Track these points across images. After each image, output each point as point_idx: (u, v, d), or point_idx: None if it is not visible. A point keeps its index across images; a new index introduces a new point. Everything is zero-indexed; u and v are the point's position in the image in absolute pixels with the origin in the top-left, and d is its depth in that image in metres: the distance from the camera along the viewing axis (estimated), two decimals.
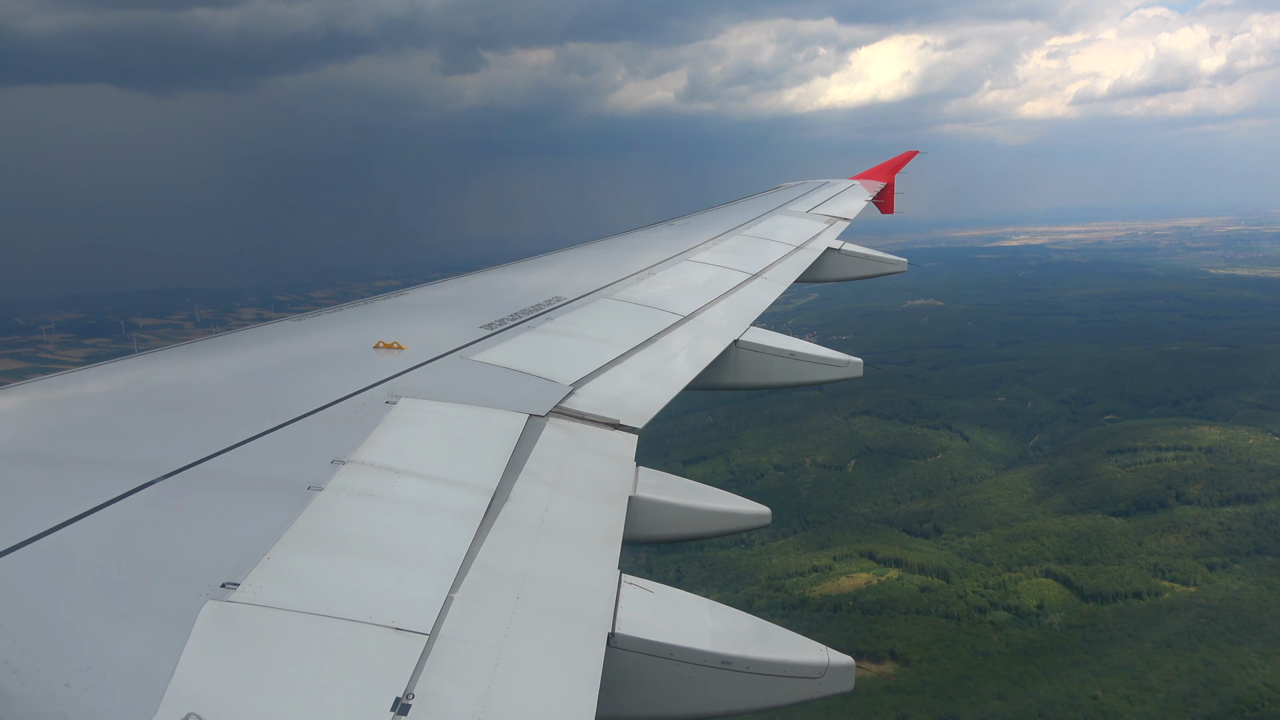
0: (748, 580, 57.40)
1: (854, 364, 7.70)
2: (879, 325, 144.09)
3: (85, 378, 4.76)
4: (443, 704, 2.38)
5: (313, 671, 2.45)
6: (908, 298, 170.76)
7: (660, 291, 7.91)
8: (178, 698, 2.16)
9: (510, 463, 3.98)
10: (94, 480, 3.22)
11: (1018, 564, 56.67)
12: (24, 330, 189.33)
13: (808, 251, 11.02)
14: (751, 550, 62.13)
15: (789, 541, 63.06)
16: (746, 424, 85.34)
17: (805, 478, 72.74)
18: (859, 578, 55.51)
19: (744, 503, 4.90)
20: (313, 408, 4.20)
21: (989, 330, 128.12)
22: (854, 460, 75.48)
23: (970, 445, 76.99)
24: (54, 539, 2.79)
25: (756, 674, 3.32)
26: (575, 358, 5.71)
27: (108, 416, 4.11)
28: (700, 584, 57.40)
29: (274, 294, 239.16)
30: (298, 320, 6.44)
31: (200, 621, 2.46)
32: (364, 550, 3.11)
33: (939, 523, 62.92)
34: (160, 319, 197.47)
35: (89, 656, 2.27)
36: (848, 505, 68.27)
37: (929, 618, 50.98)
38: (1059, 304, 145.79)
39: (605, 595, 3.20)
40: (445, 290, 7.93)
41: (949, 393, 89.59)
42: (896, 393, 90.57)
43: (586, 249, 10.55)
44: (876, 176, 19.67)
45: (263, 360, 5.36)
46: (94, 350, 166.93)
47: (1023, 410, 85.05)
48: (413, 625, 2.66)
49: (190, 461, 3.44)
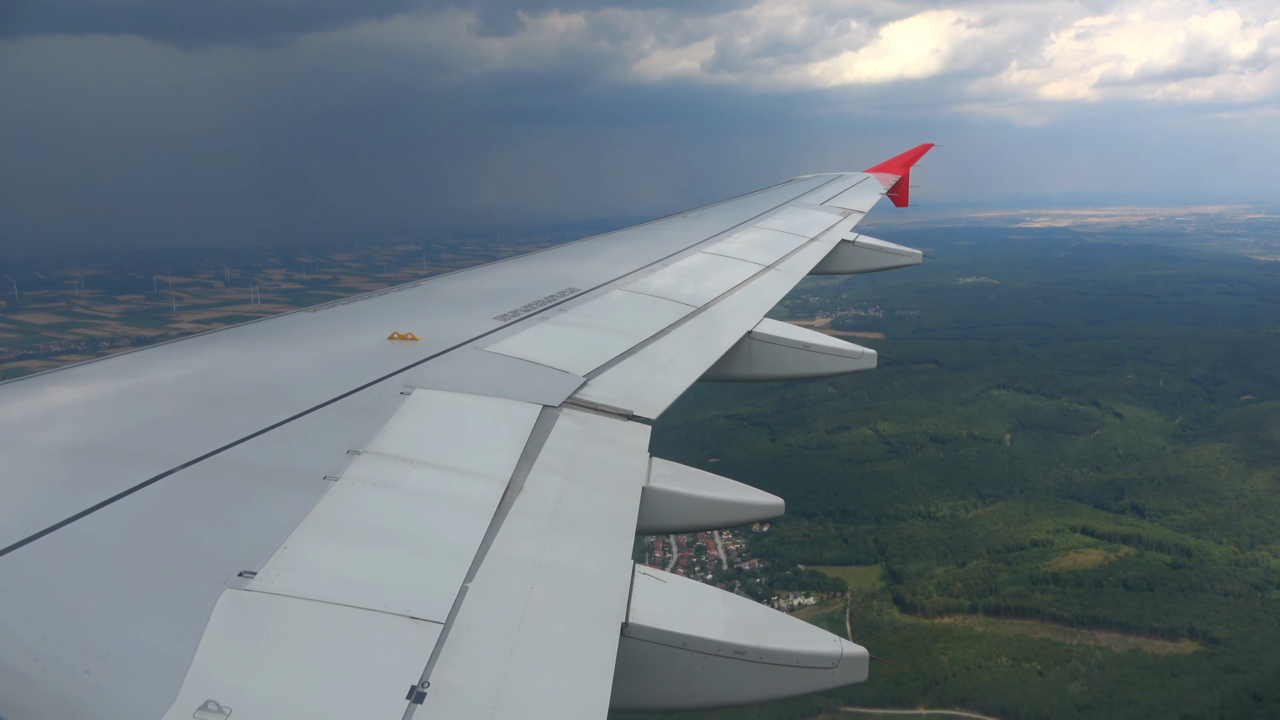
0: (967, 552, 56.17)
1: (868, 355, 7.65)
2: (944, 302, 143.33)
3: (101, 369, 4.76)
4: (458, 692, 2.40)
5: (329, 659, 2.45)
6: (958, 275, 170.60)
7: (674, 283, 7.93)
8: (196, 684, 2.19)
9: (524, 453, 4.02)
10: (112, 470, 3.25)
11: (1257, 541, 55.86)
12: (46, 285, 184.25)
13: (822, 244, 11.05)
14: (938, 523, 61.03)
15: (987, 513, 61.89)
16: (883, 394, 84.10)
17: (966, 449, 71.61)
18: (1089, 554, 54.43)
19: (757, 494, 4.89)
20: (328, 398, 4.23)
21: (1065, 309, 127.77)
22: (1009, 433, 74.53)
23: (1124, 421, 76.22)
24: (74, 528, 2.81)
25: (770, 664, 3.33)
26: (589, 349, 5.73)
27: (125, 407, 4.14)
28: (915, 555, 56.31)
29: (295, 255, 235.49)
30: (313, 312, 6.47)
31: (218, 610, 2.49)
32: (379, 540, 3.14)
33: (1134, 498, 62.05)
34: (187, 278, 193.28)
35: (109, 644, 2.30)
36: (1021, 478, 67.26)
37: (1210, 595, 50.00)
38: (1123, 285, 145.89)
39: (619, 585, 3.22)
40: (458, 282, 7.99)
41: (1072, 369, 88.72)
42: (1023, 367, 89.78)
43: (600, 240, 10.63)
44: (891, 169, 19.54)
45: (279, 351, 5.41)
46: (129, 306, 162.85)
47: (1156, 388, 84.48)
48: (428, 614, 2.68)
49: (207, 451, 3.47)
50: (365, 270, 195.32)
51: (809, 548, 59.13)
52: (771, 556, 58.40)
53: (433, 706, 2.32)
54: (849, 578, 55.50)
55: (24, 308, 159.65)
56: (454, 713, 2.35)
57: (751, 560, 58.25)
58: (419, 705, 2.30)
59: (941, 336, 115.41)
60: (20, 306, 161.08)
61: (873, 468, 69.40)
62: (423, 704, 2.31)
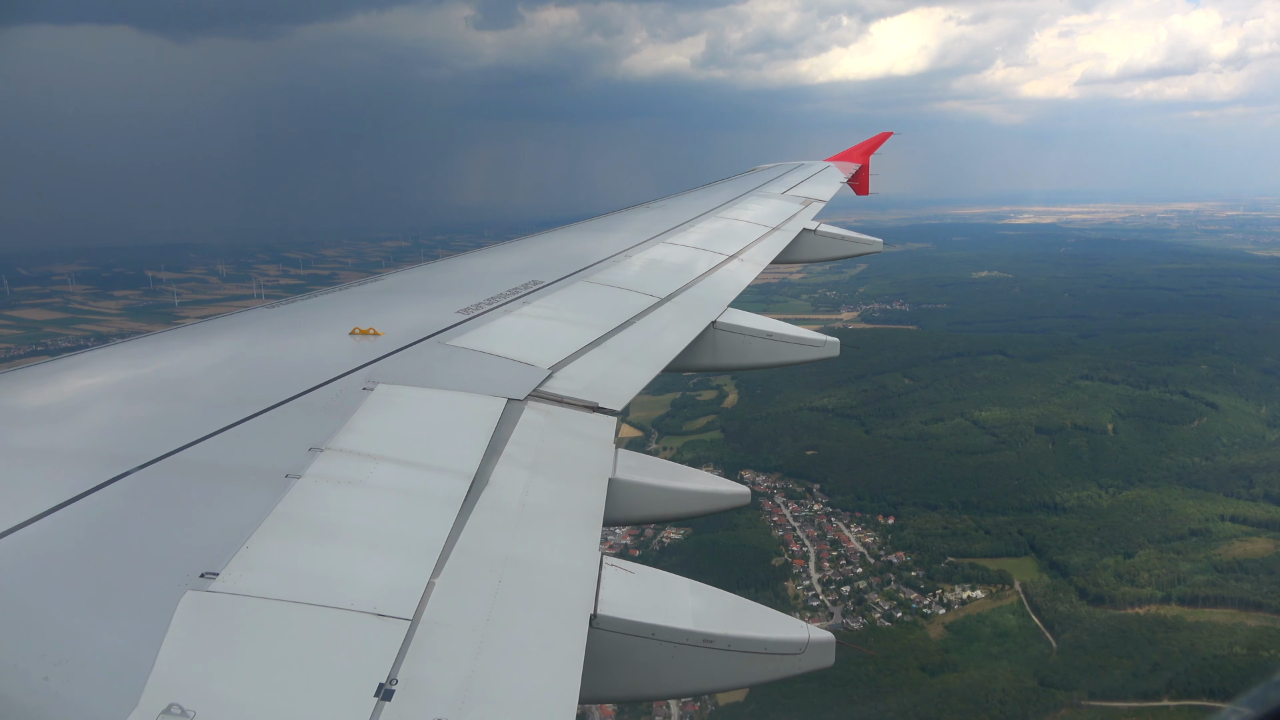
0: (1126, 542, 55.20)
1: (830, 344, 7.69)
2: (967, 295, 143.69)
3: (59, 368, 4.65)
4: (426, 688, 2.38)
5: (295, 660, 2.42)
6: (971, 269, 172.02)
7: (638, 274, 7.93)
8: (159, 689, 2.15)
9: (489, 447, 3.97)
10: (70, 471, 3.19)
11: None
12: (33, 281, 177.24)
13: (784, 233, 11.10)
14: (1076, 514, 60.16)
15: (1121, 502, 61.10)
16: (967, 384, 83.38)
17: (1075, 440, 70.94)
18: (1257, 542, 53.31)
19: (723, 483, 4.91)
20: (289, 395, 4.15)
21: (1094, 302, 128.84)
22: (1111, 423, 74.14)
23: (1220, 410, 76.24)
24: (29, 531, 2.75)
25: (738, 651, 3.33)
26: (553, 341, 5.71)
27: (82, 406, 4.07)
28: (1071, 547, 55.20)
29: (283, 251, 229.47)
30: (273, 307, 6.38)
31: (180, 612, 2.45)
32: (344, 537, 3.10)
33: (1266, 487, 61.53)
34: (179, 273, 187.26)
35: (68, 649, 2.25)
36: (1136, 468, 66.70)
37: None
38: (1140, 278, 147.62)
39: (587, 577, 3.22)
40: (421, 275, 7.95)
41: (1146, 359, 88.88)
42: (1097, 358, 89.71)
43: (564, 232, 10.64)
44: (851, 158, 19.79)
45: (239, 347, 5.32)
46: (127, 302, 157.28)
47: (1232, 378, 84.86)
48: (395, 611, 2.65)
49: (167, 451, 3.40)
50: (360, 266, 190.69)
51: (951, 540, 57.77)
52: (916, 549, 56.95)
53: (402, 703, 2.28)
54: (1006, 570, 54.37)
55: (17, 304, 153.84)
56: (423, 709, 2.30)
57: (897, 553, 56.80)
58: (388, 703, 2.27)
59: (977, 329, 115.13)
60: (13, 303, 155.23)
61: (985, 458, 68.23)
62: (391, 701, 2.28)
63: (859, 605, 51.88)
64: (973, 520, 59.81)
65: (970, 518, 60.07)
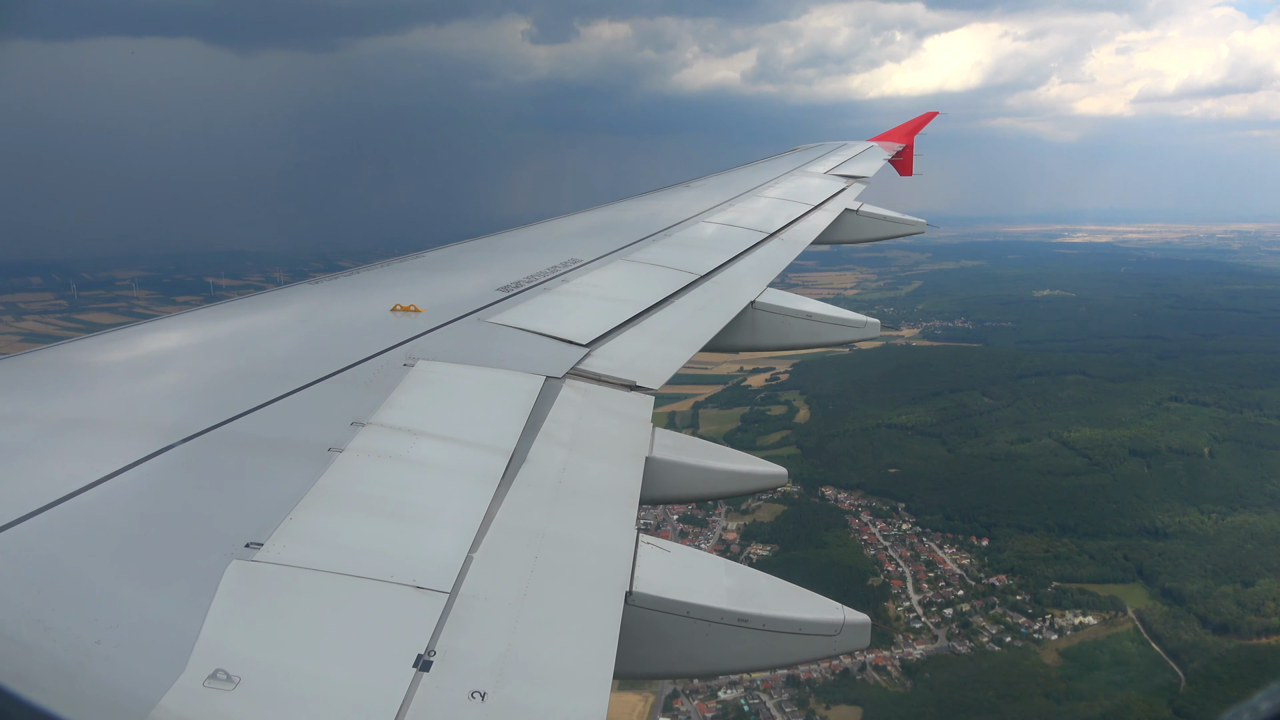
0: (1242, 570, 53.21)
1: (871, 324, 7.67)
2: (1031, 314, 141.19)
3: (108, 341, 4.72)
4: (463, 660, 2.42)
5: (336, 629, 2.48)
6: (1030, 287, 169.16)
7: (677, 252, 7.86)
8: (205, 654, 2.20)
9: (528, 424, 4.00)
10: (120, 442, 3.23)
11: None
12: (98, 285, 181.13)
13: (825, 212, 10.90)
14: (1182, 539, 58.24)
15: (1229, 528, 58.95)
16: (1050, 404, 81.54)
17: (1171, 463, 68.82)
18: None
19: (761, 463, 4.87)
20: (332, 370, 4.20)
21: (1166, 322, 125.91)
22: (1207, 447, 71.96)
23: None
24: (82, 500, 2.80)
25: (773, 631, 3.34)
26: (592, 319, 5.66)
27: (132, 380, 4.15)
28: (1183, 574, 53.51)
29: (336, 260, 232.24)
30: (315, 284, 6.34)
31: (225, 580, 2.50)
32: (384, 511, 3.14)
33: None
34: (237, 280, 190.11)
35: (118, 615, 2.31)
36: (1238, 493, 64.49)
37: None
38: (1210, 300, 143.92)
39: (623, 554, 3.24)
40: (461, 253, 7.87)
41: (1233, 382, 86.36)
42: (1176, 379, 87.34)
43: (603, 211, 10.57)
44: (895, 138, 19.26)
45: (282, 323, 5.39)
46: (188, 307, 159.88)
47: None
48: (433, 584, 2.69)
49: (212, 424, 3.45)
50: None
51: (1054, 564, 56.18)
52: (1019, 572, 55.46)
53: (439, 674, 2.33)
54: (1116, 596, 52.69)
55: (84, 308, 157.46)
56: (460, 681, 2.35)
57: (999, 576, 55.32)
58: (425, 674, 2.31)
59: (1047, 347, 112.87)
60: (81, 306, 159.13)
61: (1079, 480, 66.51)
62: (429, 672, 2.32)
63: (964, 628, 50.53)
64: (1074, 544, 58.15)
65: (1071, 541, 58.39)
